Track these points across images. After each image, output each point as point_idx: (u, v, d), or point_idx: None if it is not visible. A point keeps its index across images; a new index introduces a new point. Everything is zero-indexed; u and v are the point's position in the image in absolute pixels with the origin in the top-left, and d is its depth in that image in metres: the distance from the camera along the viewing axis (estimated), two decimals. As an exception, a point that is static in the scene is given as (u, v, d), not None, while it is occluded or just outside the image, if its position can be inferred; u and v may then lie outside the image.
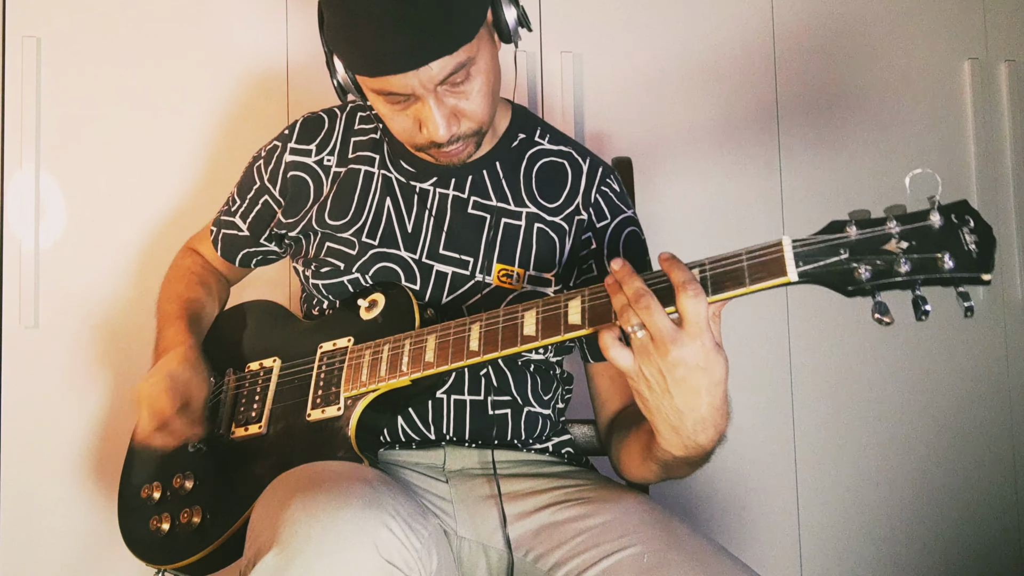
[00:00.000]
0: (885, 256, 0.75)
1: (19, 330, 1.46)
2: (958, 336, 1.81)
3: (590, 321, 0.86)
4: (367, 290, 1.09)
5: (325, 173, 1.16)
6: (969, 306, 0.73)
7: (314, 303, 1.16)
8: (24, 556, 1.44)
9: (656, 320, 0.78)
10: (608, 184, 1.16)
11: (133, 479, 1.13)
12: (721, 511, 1.69)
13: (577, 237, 1.13)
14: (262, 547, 0.77)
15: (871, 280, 0.75)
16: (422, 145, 1.02)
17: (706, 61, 1.74)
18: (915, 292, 0.75)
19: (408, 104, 0.97)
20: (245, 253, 1.26)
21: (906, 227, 0.75)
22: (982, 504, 1.81)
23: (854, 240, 0.76)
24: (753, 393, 1.72)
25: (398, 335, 1.00)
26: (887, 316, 0.76)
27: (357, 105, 1.20)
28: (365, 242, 1.11)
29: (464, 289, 1.09)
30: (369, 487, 0.82)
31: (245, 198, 1.23)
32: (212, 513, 1.00)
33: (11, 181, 1.47)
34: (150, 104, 1.53)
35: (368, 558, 0.76)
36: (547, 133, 1.19)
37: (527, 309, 0.91)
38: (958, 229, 0.74)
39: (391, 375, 0.98)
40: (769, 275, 0.78)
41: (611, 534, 0.93)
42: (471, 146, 1.04)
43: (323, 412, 1.01)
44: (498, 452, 1.09)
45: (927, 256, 0.74)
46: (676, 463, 0.92)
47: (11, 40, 1.48)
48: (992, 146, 1.84)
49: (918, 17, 1.84)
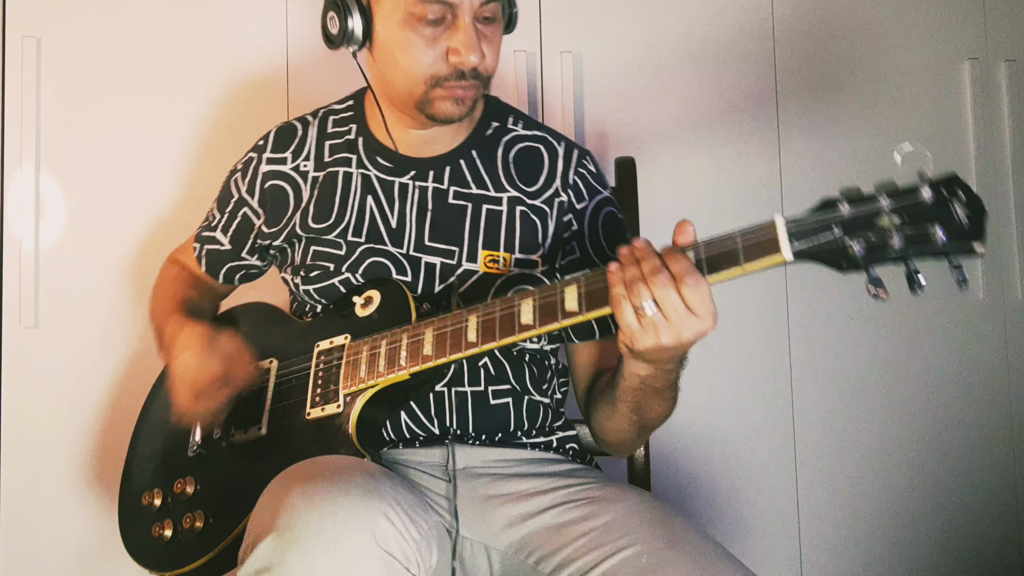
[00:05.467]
0: (878, 231, 0.76)
1: (19, 330, 1.46)
2: (958, 335, 1.81)
3: (587, 307, 0.87)
4: (361, 287, 1.09)
5: (303, 179, 1.17)
6: (963, 278, 0.74)
7: (306, 310, 1.16)
8: (24, 555, 1.44)
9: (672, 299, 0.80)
10: (584, 166, 1.17)
11: (133, 486, 1.13)
12: (721, 511, 1.69)
13: (559, 219, 1.14)
14: (261, 533, 0.78)
15: (865, 256, 0.76)
16: (442, 76, 1.03)
17: (706, 60, 1.74)
18: (909, 266, 0.76)
19: (440, 32, 1.02)
20: (228, 268, 1.27)
21: (897, 202, 0.76)
22: (982, 504, 1.81)
23: (846, 217, 0.77)
24: (753, 393, 1.72)
25: (395, 330, 1.00)
26: (882, 290, 0.77)
27: (329, 109, 1.22)
28: (352, 241, 1.11)
29: (453, 278, 1.10)
30: (370, 478, 0.82)
31: (224, 212, 1.24)
32: (215, 517, 1.00)
33: (11, 181, 1.47)
34: (150, 104, 1.53)
35: (366, 547, 0.76)
36: (520, 120, 1.20)
37: (523, 298, 0.92)
38: (949, 202, 0.74)
39: (390, 370, 0.98)
40: (763, 254, 0.79)
41: (612, 534, 0.93)
42: (477, 94, 1.07)
43: (323, 410, 1.01)
44: (502, 450, 1.08)
45: (920, 230, 0.74)
46: (643, 392, 0.96)
47: (11, 40, 1.48)
48: (992, 146, 1.84)
49: (918, 17, 1.84)
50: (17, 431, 1.45)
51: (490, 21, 1.04)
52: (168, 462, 1.10)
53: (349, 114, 1.20)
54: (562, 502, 1.00)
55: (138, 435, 1.20)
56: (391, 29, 1.03)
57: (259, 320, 1.21)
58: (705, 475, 1.68)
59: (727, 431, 1.69)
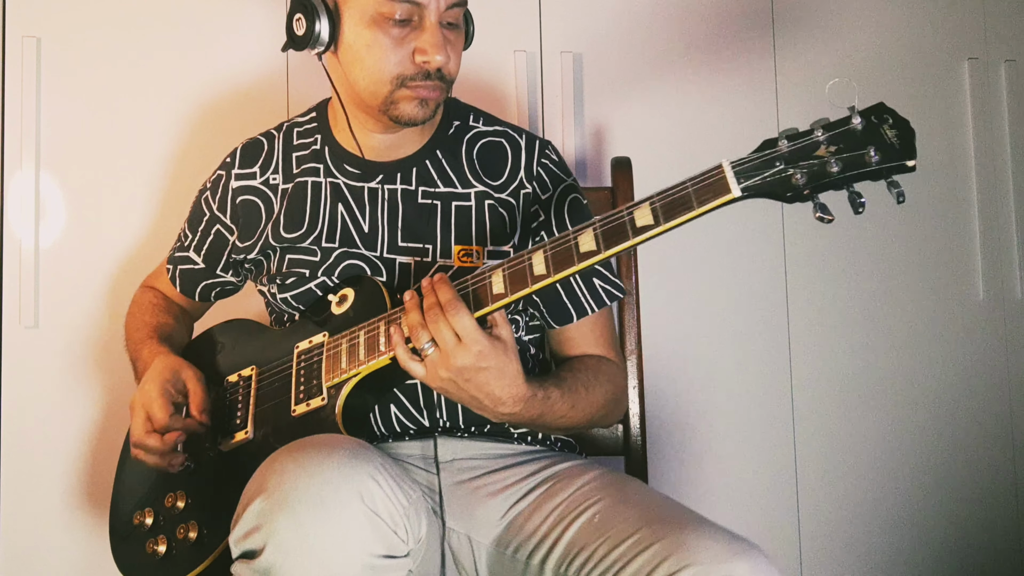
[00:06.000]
0: (817, 160, 0.82)
1: (19, 330, 1.46)
2: (958, 335, 1.81)
3: (554, 269, 0.90)
4: (335, 288, 1.11)
5: (273, 192, 1.18)
6: (899, 192, 0.80)
7: (284, 320, 1.17)
8: (24, 554, 1.44)
9: (442, 333, 0.90)
10: (547, 156, 1.19)
11: (123, 507, 1.13)
12: (720, 510, 1.69)
13: (526, 210, 1.16)
14: (251, 497, 0.81)
15: (807, 184, 0.82)
16: (408, 75, 1.05)
17: (706, 60, 1.74)
18: (850, 189, 0.82)
19: (407, 33, 1.03)
20: (204, 286, 1.28)
21: (832, 132, 0.82)
22: (982, 503, 1.81)
23: (787, 152, 0.83)
24: (753, 393, 1.72)
25: (372, 319, 1.01)
26: (828, 214, 0.82)
27: (292, 122, 1.24)
28: (326, 247, 1.12)
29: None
30: (358, 446, 0.86)
31: (196, 231, 1.25)
32: (208, 526, 1.00)
33: (11, 181, 1.47)
34: (150, 104, 1.53)
35: (353, 506, 0.78)
36: (480, 117, 1.22)
37: (493, 270, 0.95)
38: (878, 127, 0.81)
39: (370, 356, 0.98)
40: (714, 195, 0.85)
41: (571, 506, 0.97)
42: (440, 96, 1.08)
43: (308, 405, 1.01)
44: (490, 444, 1.10)
45: (854, 153, 0.81)
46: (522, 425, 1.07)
47: (11, 40, 1.48)
48: (992, 146, 1.84)
49: (918, 17, 1.84)
50: (17, 431, 1.45)
51: (454, 27, 1.07)
52: (157, 479, 1.09)
53: (312, 125, 1.22)
54: (533, 487, 1.04)
55: (125, 457, 1.18)
56: (358, 30, 1.04)
57: (237, 334, 1.21)
58: (704, 475, 1.68)
59: (727, 431, 1.69)
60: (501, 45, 1.62)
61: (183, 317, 1.32)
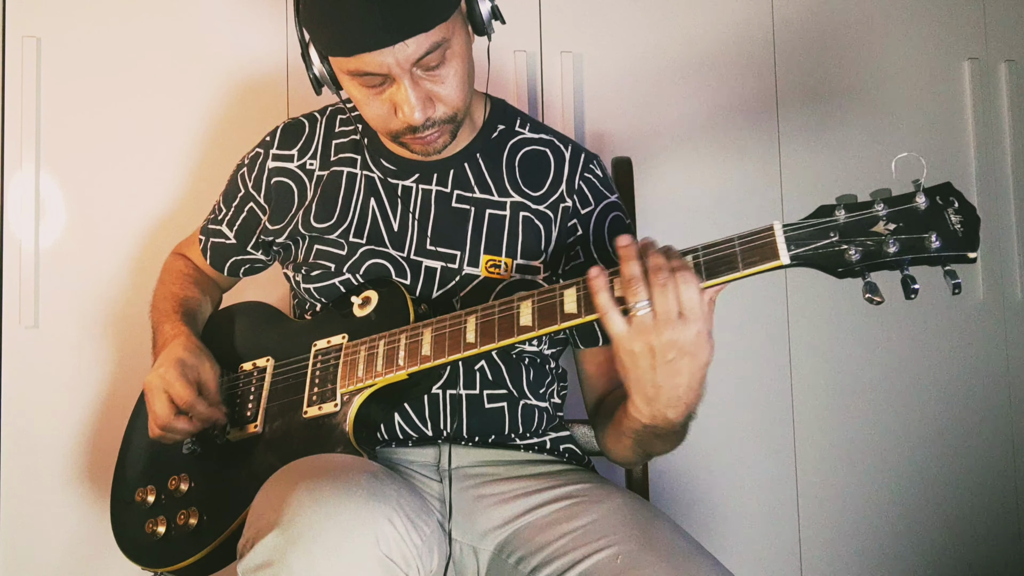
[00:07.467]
0: (874, 238, 0.78)
1: (19, 330, 1.46)
2: (958, 336, 1.81)
3: (586, 310, 0.87)
4: (359, 288, 1.09)
5: (308, 177, 1.16)
6: (956, 283, 0.76)
7: (306, 308, 1.16)
8: (24, 554, 1.44)
9: (667, 298, 0.80)
10: (591, 170, 1.16)
11: (126, 482, 1.13)
12: (720, 512, 1.69)
13: (563, 224, 1.13)
14: (264, 527, 0.78)
15: (861, 261, 0.78)
16: (397, 131, 1.01)
17: (707, 60, 1.74)
18: (904, 272, 0.77)
19: (383, 88, 0.97)
20: (233, 261, 1.27)
21: (893, 209, 0.78)
22: (982, 504, 1.81)
23: (843, 223, 0.79)
24: (753, 393, 1.72)
25: (393, 330, 1.00)
26: (877, 295, 0.78)
27: (337, 108, 1.21)
28: (353, 242, 1.11)
29: (454, 283, 1.10)
30: (375, 479, 0.82)
31: (231, 206, 1.24)
32: (209, 514, 1.00)
33: (11, 181, 1.47)
34: (150, 104, 1.53)
35: (367, 551, 0.76)
36: (527, 123, 1.19)
37: (523, 300, 0.92)
38: (943, 210, 0.77)
39: (388, 369, 0.98)
40: (762, 259, 0.81)
41: (591, 536, 0.93)
42: (446, 134, 1.03)
43: (320, 409, 1.01)
44: (494, 451, 1.09)
45: (914, 236, 0.76)
46: (645, 434, 0.94)
47: (11, 40, 1.48)
48: (992, 146, 1.84)
49: (918, 17, 1.84)
50: (17, 431, 1.45)
51: (434, 67, 0.96)
52: (162, 459, 1.10)
53: (356, 113, 1.19)
54: (547, 502, 1.01)
55: (132, 431, 1.20)
56: (344, 82, 1.01)
57: (256, 319, 1.21)
58: (704, 476, 1.68)
59: (727, 431, 1.69)
60: (501, 45, 1.62)
61: (211, 289, 1.31)
